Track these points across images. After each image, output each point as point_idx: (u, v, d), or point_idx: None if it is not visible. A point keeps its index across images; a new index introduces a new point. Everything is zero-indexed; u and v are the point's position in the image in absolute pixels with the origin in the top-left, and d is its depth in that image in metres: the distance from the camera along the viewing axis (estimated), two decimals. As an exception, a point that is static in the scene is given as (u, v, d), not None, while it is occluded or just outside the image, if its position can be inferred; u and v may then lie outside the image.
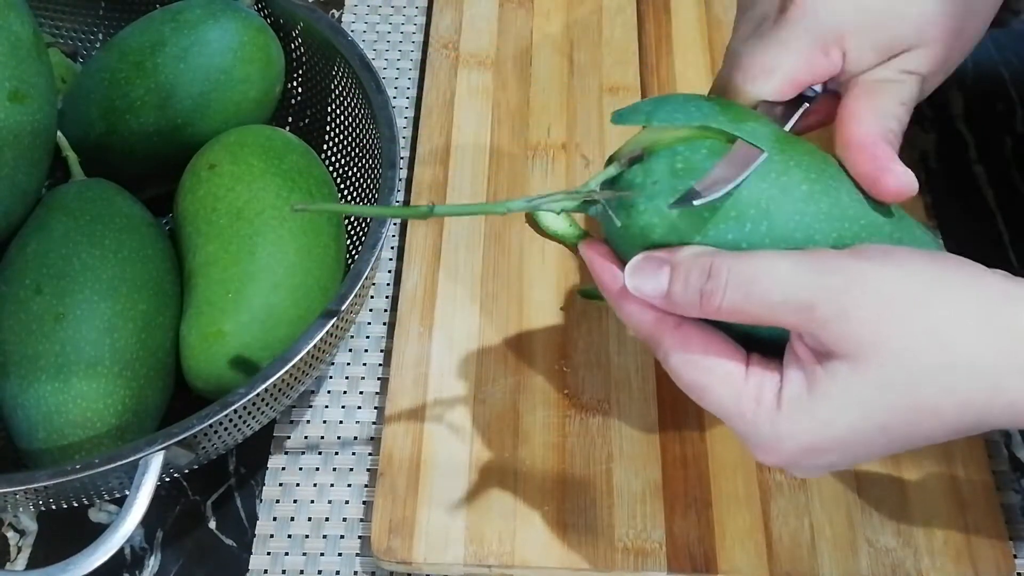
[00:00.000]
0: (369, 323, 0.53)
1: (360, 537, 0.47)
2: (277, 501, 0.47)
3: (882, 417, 0.31)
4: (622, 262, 0.35)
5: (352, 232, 0.51)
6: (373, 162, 0.50)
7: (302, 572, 0.46)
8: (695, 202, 0.32)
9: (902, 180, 0.34)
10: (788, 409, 0.32)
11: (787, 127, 0.37)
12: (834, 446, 0.32)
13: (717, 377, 0.33)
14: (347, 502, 0.47)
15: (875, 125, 0.36)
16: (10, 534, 0.47)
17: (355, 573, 0.46)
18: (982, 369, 0.31)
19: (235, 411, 0.40)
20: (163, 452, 0.38)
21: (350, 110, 0.52)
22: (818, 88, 0.39)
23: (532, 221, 0.54)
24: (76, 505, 0.43)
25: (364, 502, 0.48)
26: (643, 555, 0.44)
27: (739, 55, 0.38)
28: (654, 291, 0.33)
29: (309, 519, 0.47)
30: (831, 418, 0.32)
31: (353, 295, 0.42)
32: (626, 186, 0.34)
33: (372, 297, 0.54)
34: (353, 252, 0.51)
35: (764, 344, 0.34)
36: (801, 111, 0.38)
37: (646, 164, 0.34)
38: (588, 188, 0.35)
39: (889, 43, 0.38)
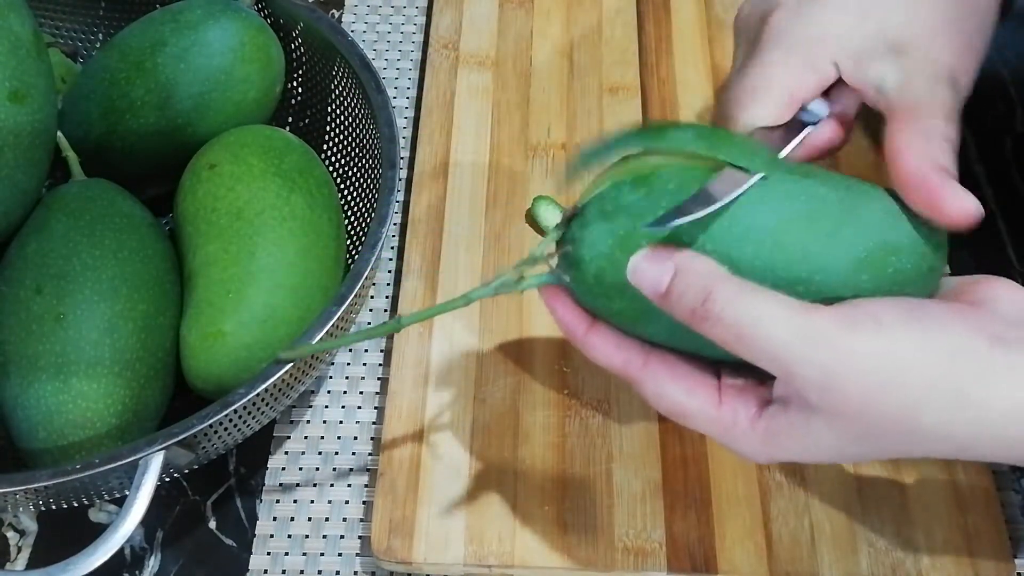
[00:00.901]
0: (369, 323, 0.53)
1: (360, 537, 0.47)
2: (277, 501, 0.47)
3: (851, 454, 0.34)
4: (586, 310, 0.36)
5: (352, 232, 0.51)
6: (373, 162, 0.50)
7: (302, 572, 0.46)
8: (669, 224, 0.32)
9: (961, 207, 0.33)
10: (763, 438, 0.34)
11: (783, 153, 0.37)
12: (803, 459, 0.35)
13: (691, 407, 0.35)
14: (347, 502, 0.47)
15: (922, 154, 0.35)
16: (10, 534, 0.47)
17: (355, 573, 0.46)
18: (949, 438, 0.32)
19: (235, 411, 0.40)
20: (163, 452, 0.38)
21: (350, 110, 0.52)
22: (820, 111, 0.38)
23: (532, 221, 0.54)
24: (76, 505, 0.43)
25: (364, 502, 0.48)
26: (643, 555, 0.44)
27: (729, 85, 0.39)
28: (652, 288, 0.33)
29: (309, 519, 0.47)
30: (804, 448, 0.34)
31: (353, 295, 0.42)
32: (570, 242, 0.35)
33: (372, 297, 0.54)
34: (353, 252, 0.51)
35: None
36: (802, 136, 0.38)
37: (580, 217, 0.35)
38: (534, 256, 0.36)
39: (876, 35, 0.37)
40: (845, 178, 0.35)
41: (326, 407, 0.50)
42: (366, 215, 0.50)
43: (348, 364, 0.52)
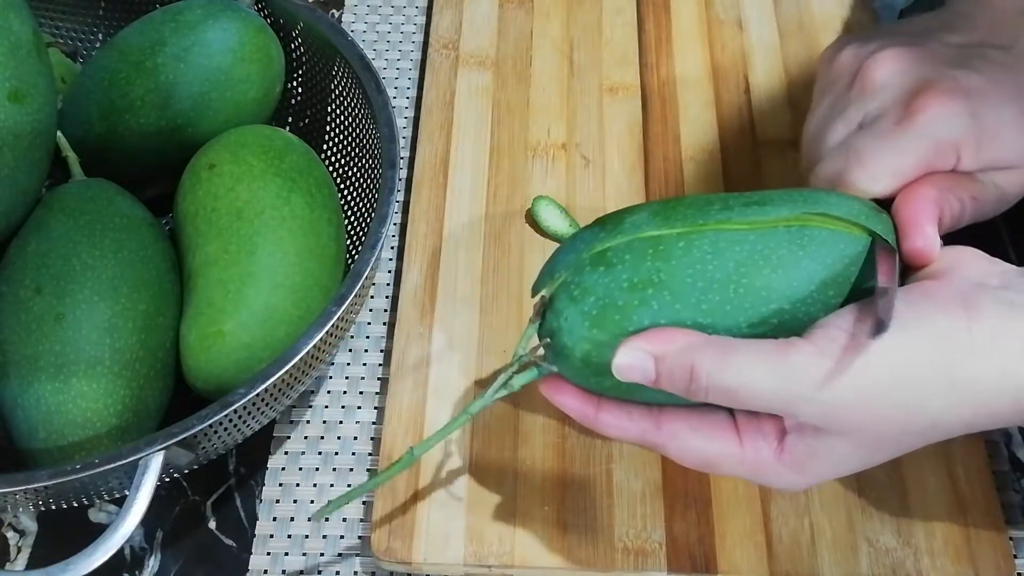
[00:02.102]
0: (369, 323, 0.53)
1: (360, 537, 0.47)
2: (277, 501, 0.47)
3: (879, 458, 0.36)
4: (586, 391, 0.38)
5: (352, 232, 0.51)
6: (373, 162, 0.50)
7: (302, 572, 0.46)
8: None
9: (925, 242, 0.36)
10: (791, 467, 0.35)
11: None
12: (838, 475, 0.37)
13: (715, 453, 0.36)
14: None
15: (932, 194, 0.37)
16: (10, 534, 0.47)
17: (355, 573, 0.46)
18: (957, 419, 0.34)
19: (235, 411, 0.40)
20: (163, 452, 0.38)
21: (350, 110, 0.52)
22: None
23: (532, 220, 0.54)
24: (76, 505, 0.43)
25: (364, 502, 0.48)
26: (643, 555, 0.44)
27: (859, 152, 0.39)
28: (643, 379, 0.35)
29: (309, 519, 0.47)
30: (831, 468, 0.36)
31: (353, 295, 0.42)
32: (549, 334, 0.37)
33: (372, 297, 0.54)
34: (353, 252, 0.51)
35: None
36: None
37: (552, 308, 0.37)
38: (519, 357, 0.38)
39: (996, 156, 0.39)
40: (790, 196, 0.36)
41: (326, 407, 0.50)
42: (366, 215, 0.50)
43: (348, 364, 0.52)
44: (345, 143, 0.53)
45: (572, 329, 0.36)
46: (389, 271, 0.55)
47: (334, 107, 0.54)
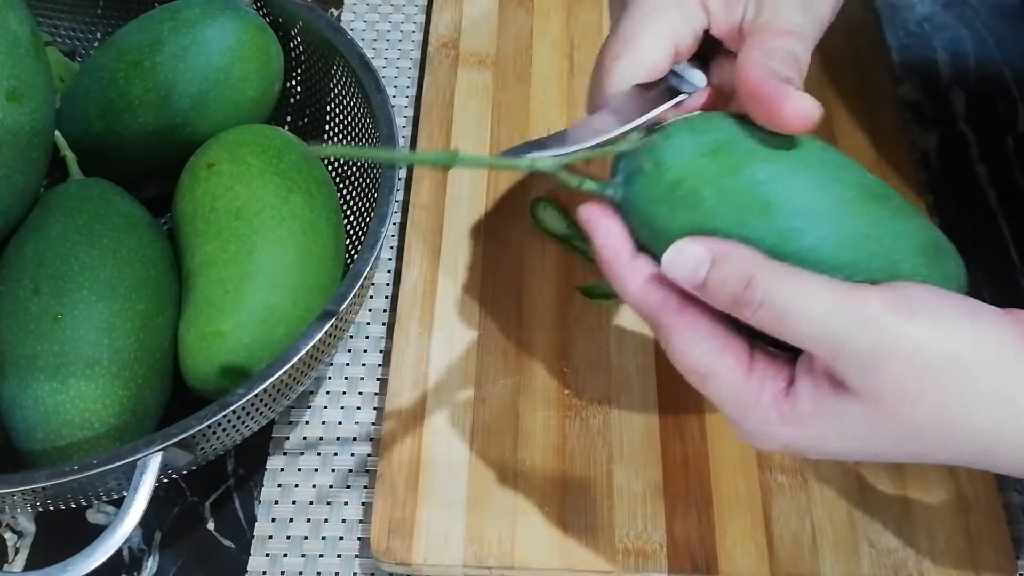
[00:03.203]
0: (368, 323, 0.53)
1: (359, 538, 0.46)
2: (276, 502, 0.47)
3: (875, 449, 0.33)
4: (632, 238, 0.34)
5: (352, 232, 0.51)
6: (373, 162, 0.50)
7: (301, 573, 0.45)
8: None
9: (797, 109, 0.32)
10: (787, 418, 0.32)
11: (653, 113, 0.36)
12: (820, 452, 0.33)
13: (719, 368, 0.33)
14: (346, 503, 0.47)
15: (760, 66, 0.34)
16: (8, 535, 0.47)
17: (354, 574, 0.46)
18: (988, 442, 0.32)
19: (234, 412, 0.40)
20: (161, 453, 0.38)
21: (349, 109, 0.52)
22: (697, 82, 0.38)
23: (533, 217, 0.54)
24: (74, 506, 0.43)
25: (363, 503, 0.47)
26: (644, 556, 0.44)
27: (604, 43, 0.38)
28: (689, 278, 0.32)
29: (308, 520, 0.47)
30: (825, 435, 0.32)
31: (352, 295, 0.42)
32: (648, 149, 0.34)
33: (372, 297, 0.54)
34: (353, 252, 0.50)
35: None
36: (675, 101, 0.37)
37: (664, 130, 0.34)
38: (614, 143, 0.34)
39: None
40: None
41: (325, 408, 0.50)
42: (366, 215, 0.50)
43: (347, 364, 0.52)
44: (345, 142, 0.53)
45: (679, 152, 0.33)
46: (389, 271, 0.55)
47: (333, 106, 0.54)
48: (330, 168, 0.54)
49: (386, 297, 0.54)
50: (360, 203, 0.51)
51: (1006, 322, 0.31)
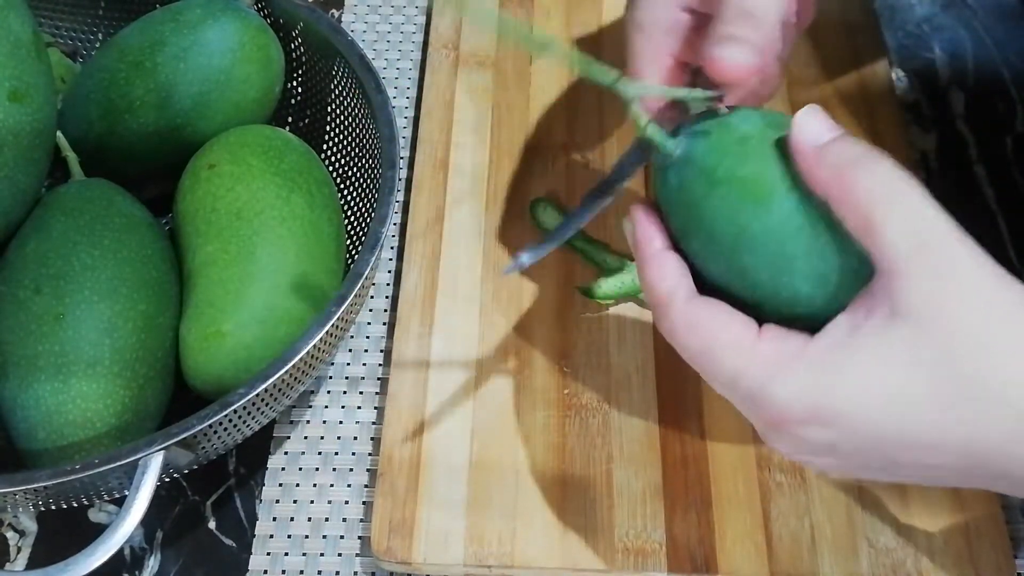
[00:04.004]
0: (369, 323, 0.53)
1: (360, 537, 0.47)
2: (277, 501, 0.47)
3: (906, 400, 0.30)
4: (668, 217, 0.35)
5: (352, 232, 0.51)
6: (373, 162, 0.50)
7: (302, 572, 0.45)
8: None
9: (721, 55, 0.35)
10: (818, 363, 0.31)
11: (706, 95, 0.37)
12: (841, 419, 0.31)
13: (725, 338, 0.32)
14: (347, 502, 0.47)
15: (714, 32, 0.36)
16: (10, 534, 0.47)
17: (355, 573, 0.46)
18: (988, 433, 0.30)
19: (235, 411, 0.40)
20: (163, 452, 0.38)
21: (350, 110, 0.52)
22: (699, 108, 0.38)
23: (533, 217, 0.54)
24: (76, 505, 0.43)
25: (364, 502, 0.47)
26: (643, 555, 0.44)
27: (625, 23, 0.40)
28: (823, 132, 0.32)
29: (309, 519, 0.47)
30: (853, 384, 0.30)
31: (353, 295, 0.42)
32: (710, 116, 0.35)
33: (372, 297, 0.54)
34: (353, 252, 0.51)
35: (794, 320, 0.33)
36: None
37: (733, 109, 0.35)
38: (692, 95, 0.36)
39: None
40: None
41: (326, 407, 0.50)
42: (366, 215, 0.50)
43: (348, 364, 0.52)
44: (345, 143, 0.53)
45: (748, 118, 0.34)
46: (389, 271, 0.55)
47: (334, 107, 0.54)
48: (331, 169, 0.54)
49: (387, 297, 0.54)
50: (361, 204, 0.51)
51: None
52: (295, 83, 0.55)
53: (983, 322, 0.30)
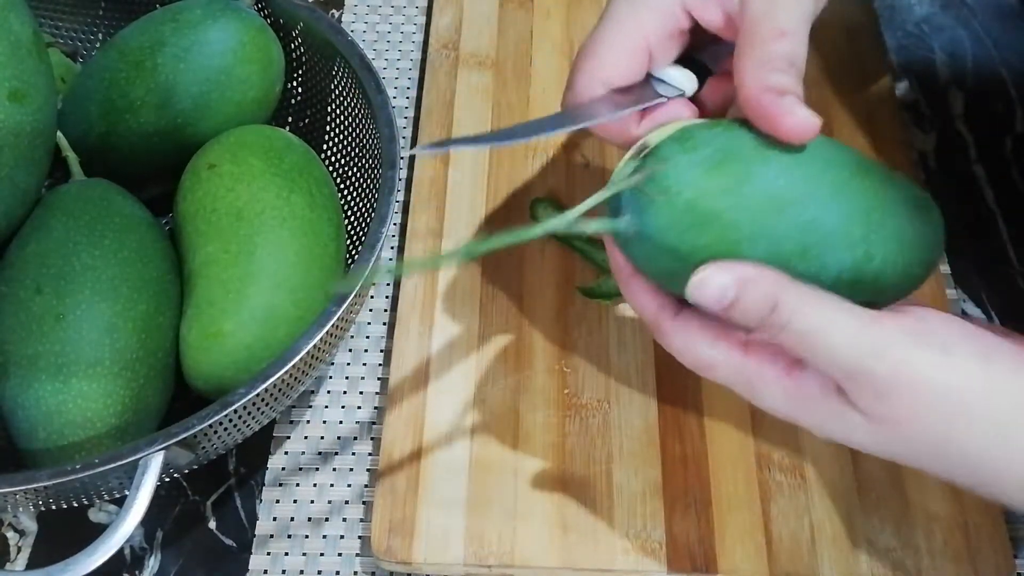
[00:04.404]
0: (369, 323, 0.53)
1: (360, 537, 0.47)
2: (277, 501, 0.47)
3: (872, 448, 0.34)
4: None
5: (352, 232, 0.51)
6: (373, 162, 0.50)
7: (302, 572, 0.46)
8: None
9: (795, 122, 0.33)
10: (794, 392, 0.34)
11: (629, 111, 0.36)
12: (826, 431, 0.35)
13: (717, 358, 0.35)
14: (347, 502, 0.47)
15: (756, 80, 0.34)
16: (10, 534, 0.47)
17: (355, 573, 0.46)
18: (981, 473, 0.33)
19: (235, 411, 0.40)
20: (163, 452, 0.38)
21: (350, 110, 0.52)
22: (681, 84, 0.38)
23: (533, 218, 0.54)
24: (76, 505, 0.43)
25: (364, 502, 0.48)
26: (643, 555, 0.44)
27: (577, 52, 0.38)
28: (715, 304, 0.33)
29: (309, 519, 0.47)
30: (824, 424, 0.34)
31: (353, 295, 0.42)
32: (651, 178, 0.34)
33: (372, 297, 0.54)
34: (353, 252, 0.51)
35: None
36: (646, 105, 0.37)
37: (655, 155, 0.34)
38: (617, 184, 0.34)
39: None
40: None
41: (326, 407, 0.50)
42: (366, 215, 0.50)
43: (348, 364, 0.52)
44: (345, 143, 0.53)
45: (683, 173, 0.33)
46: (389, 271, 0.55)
47: (334, 107, 0.54)
48: (331, 169, 0.54)
49: (387, 297, 0.54)
50: (361, 204, 0.51)
51: (1020, 359, 0.33)
52: (295, 83, 0.55)
53: (930, 421, 0.33)
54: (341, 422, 0.50)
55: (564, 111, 0.38)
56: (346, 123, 0.53)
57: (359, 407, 0.50)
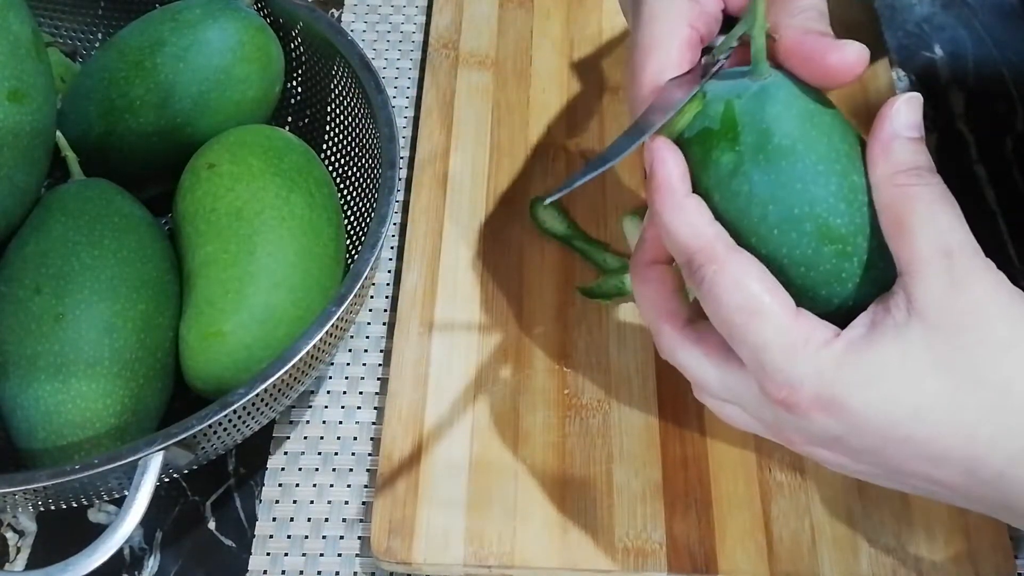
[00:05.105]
0: (369, 323, 0.53)
1: (360, 537, 0.47)
2: (276, 501, 0.47)
3: (919, 401, 0.31)
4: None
5: (352, 232, 0.51)
6: (373, 162, 0.50)
7: (301, 572, 0.45)
8: None
9: (846, 53, 0.32)
10: (839, 350, 0.31)
11: (693, 92, 0.36)
12: (852, 412, 0.31)
13: (771, 305, 0.32)
14: (347, 502, 0.47)
15: (791, 25, 0.34)
16: (9, 534, 0.47)
17: (355, 574, 0.46)
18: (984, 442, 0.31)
19: (235, 411, 0.40)
20: (162, 452, 0.38)
21: (350, 110, 0.52)
22: (721, 55, 0.37)
23: (533, 217, 0.54)
24: (75, 505, 0.43)
25: (364, 502, 0.47)
26: (643, 555, 0.44)
27: (627, 51, 0.37)
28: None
29: (309, 519, 0.47)
30: (870, 378, 0.31)
31: (353, 295, 0.42)
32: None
33: (372, 297, 0.54)
34: (353, 252, 0.51)
35: (823, 310, 0.33)
36: (716, 68, 0.36)
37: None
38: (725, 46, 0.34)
39: None
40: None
41: (326, 407, 0.50)
42: (366, 215, 0.50)
43: (348, 364, 0.52)
44: (345, 143, 0.53)
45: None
46: (389, 271, 0.55)
47: (334, 107, 0.54)
48: (331, 169, 0.54)
49: (386, 297, 0.54)
50: (360, 204, 0.51)
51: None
52: (295, 83, 0.55)
53: (1000, 328, 0.31)
54: (341, 422, 0.50)
55: (641, 117, 0.37)
56: (346, 123, 0.53)
57: (359, 407, 0.50)
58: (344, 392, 0.51)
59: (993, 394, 0.30)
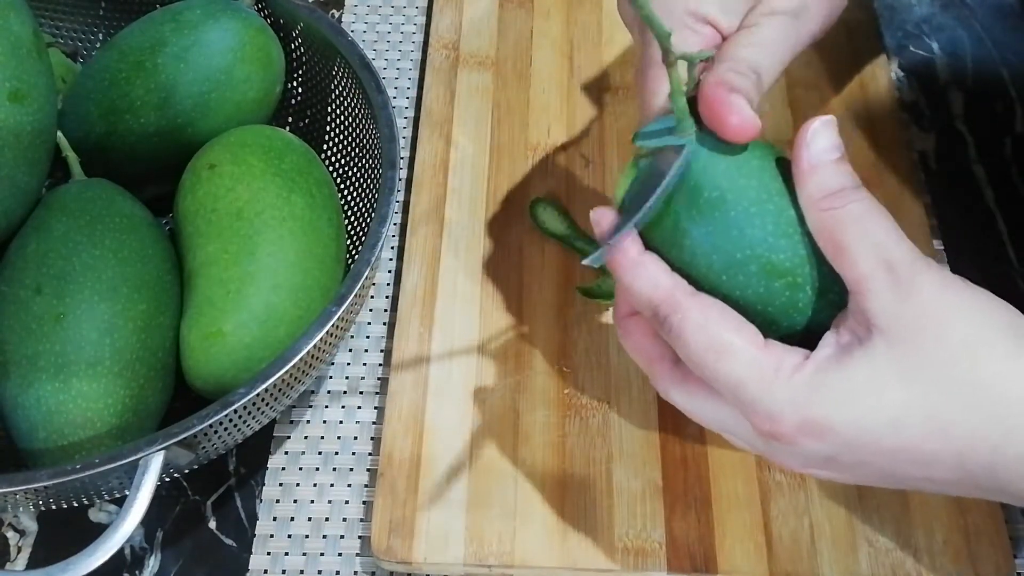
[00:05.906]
0: (369, 323, 0.53)
1: (360, 537, 0.47)
2: (277, 501, 0.47)
3: (895, 412, 0.31)
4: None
5: (352, 232, 0.51)
6: (373, 162, 0.50)
7: (302, 572, 0.46)
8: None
9: (737, 117, 0.33)
10: (809, 373, 0.32)
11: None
12: (836, 433, 0.32)
13: (736, 342, 0.32)
14: (347, 502, 0.47)
15: (714, 72, 0.35)
16: (10, 534, 0.47)
17: (355, 573, 0.46)
18: (1007, 401, 0.31)
19: (235, 411, 0.40)
20: (163, 452, 0.38)
21: (350, 110, 0.52)
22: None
23: (533, 217, 0.54)
24: (76, 505, 0.43)
25: (364, 502, 0.48)
26: (643, 555, 0.44)
27: (636, 79, 0.39)
28: (831, 151, 0.33)
29: (309, 519, 0.47)
30: (844, 398, 0.31)
31: (353, 295, 0.42)
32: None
33: (372, 297, 0.54)
34: (353, 252, 0.51)
35: (790, 338, 0.34)
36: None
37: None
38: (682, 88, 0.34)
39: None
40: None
41: (326, 407, 0.50)
42: (366, 215, 0.50)
43: (348, 364, 0.52)
44: (345, 143, 0.53)
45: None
46: (389, 271, 0.55)
47: (334, 107, 0.54)
48: (331, 169, 0.54)
49: (387, 297, 0.54)
50: (361, 204, 0.51)
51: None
52: (295, 83, 0.56)
53: (955, 325, 0.31)
54: (341, 422, 0.50)
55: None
56: (346, 123, 0.53)
57: (359, 407, 0.50)
58: (344, 392, 0.51)
59: (963, 390, 0.31)
